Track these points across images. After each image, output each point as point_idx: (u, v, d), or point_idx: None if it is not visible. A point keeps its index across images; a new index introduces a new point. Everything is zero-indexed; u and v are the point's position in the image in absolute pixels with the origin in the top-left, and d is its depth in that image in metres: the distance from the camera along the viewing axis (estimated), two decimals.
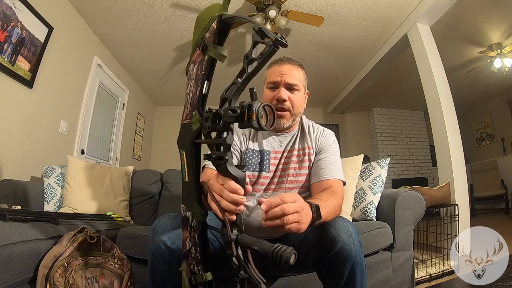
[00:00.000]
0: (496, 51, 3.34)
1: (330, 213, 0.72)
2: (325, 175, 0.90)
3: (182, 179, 0.59)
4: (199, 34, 0.57)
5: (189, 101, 0.58)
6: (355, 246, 0.68)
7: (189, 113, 0.57)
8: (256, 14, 2.39)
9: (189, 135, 0.55)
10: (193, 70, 0.58)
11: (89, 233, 0.96)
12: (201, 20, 0.58)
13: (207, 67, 0.55)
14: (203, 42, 0.55)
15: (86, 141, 2.67)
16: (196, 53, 0.58)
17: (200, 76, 0.56)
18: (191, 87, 0.58)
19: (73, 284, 0.87)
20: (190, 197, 0.57)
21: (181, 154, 0.58)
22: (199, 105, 0.55)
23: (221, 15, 0.55)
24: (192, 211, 0.56)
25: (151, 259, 0.72)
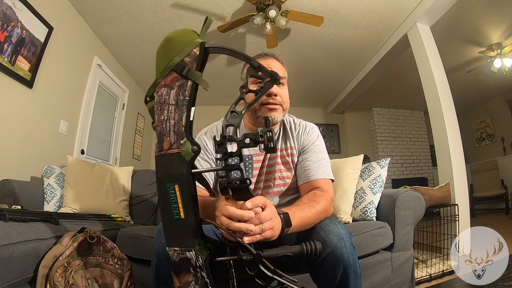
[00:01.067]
0: (496, 51, 3.34)
1: (305, 219, 0.71)
2: (310, 176, 0.87)
3: (171, 218, 0.52)
4: (173, 56, 0.55)
5: (171, 128, 0.53)
6: (347, 249, 0.68)
7: (175, 142, 0.52)
8: (256, 14, 2.39)
9: (181, 166, 0.51)
10: (168, 94, 0.55)
11: (89, 233, 0.96)
12: (175, 43, 0.56)
13: (191, 93, 0.54)
14: (187, 67, 0.54)
15: (86, 141, 2.67)
16: (171, 76, 0.55)
17: (184, 102, 0.53)
18: (171, 113, 0.54)
19: (73, 284, 0.87)
20: (189, 236, 0.52)
21: (168, 189, 0.51)
22: (188, 133, 0.53)
23: (203, 42, 0.55)
24: (196, 250, 0.51)
25: (155, 260, 0.71)
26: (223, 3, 2.45)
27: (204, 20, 0.59)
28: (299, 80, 4.05)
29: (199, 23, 2.85)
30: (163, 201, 0.53)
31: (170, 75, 0.56)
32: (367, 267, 1.11)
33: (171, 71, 0.55)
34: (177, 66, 0.55)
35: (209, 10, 2.52)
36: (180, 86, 0.54)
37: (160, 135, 0.54)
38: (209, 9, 2.51)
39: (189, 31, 0.58)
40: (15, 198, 1.47)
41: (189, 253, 0.52)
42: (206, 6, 2.47)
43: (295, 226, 0.66)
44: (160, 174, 0.53)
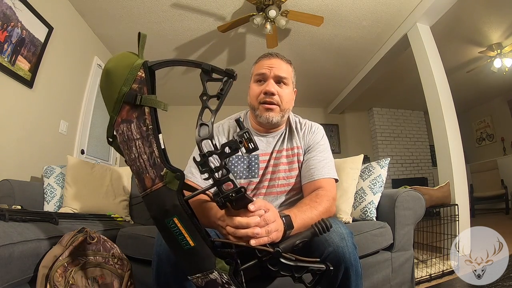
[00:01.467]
0: (496, 51, 3.34)
1: (307, 221, 0.71)
2: (314, 176, 0.87)
3: (181, 249, 0.51)
4: (119, 88, 0.51)
5: (145, 164, 0.51)
6: (348, 248, 0.68)
7: (156, 176, 0.50)
8: (256, 14, 2.39)
9: (172, 198, 0.49)
10: (129, 129, 0.51)
11: (89, 233, 0.96)
12: (116, 73, 0.52)
13: (152, 120, 0.51)
14: (138, 94, 0.50)
15: (86, 141, 2.67)
16: (124, 110, 0.51)
17: (149, 131, 0.51)
18: (139, 148, 0.51)
19: (73, 284, 0.87)
20: (205, 259, 0.51)
21: (168, 224, 0.50)
22: (165, 162, 0.51)
23: (145, 62, 0.52)
24: (217, 269, 0.51)
25: (156, 260, 0.71)
26: (223, 3, 2.45)
27: (137, 37, 0.54)
28: (299, 80, 4.00)
29: (199, 23, 2.87)
30: (167, 236, 0.51)
31: (123, 108, 0.51)
32: (367, 267, 1.11)
33: (122, 104, 0.51)
34: (127, 97, 0.51)
35: (209, 10, 2.52)
36: (138, 117, 0.51)
37: (137, 174, 0.51)
38: (209, 9, 2.51)
39: (126, 55, 0.54)
40: (15, 198, 1.47)
41: (212, 274, 0.51)
42: (206, 6, 2.47)
43: (297, 228, 0.66)
44: (155, 213, 0.50)
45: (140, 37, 0.54)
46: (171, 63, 0.54)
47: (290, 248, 0.54)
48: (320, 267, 0.52)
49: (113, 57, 0.55)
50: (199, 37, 2.91)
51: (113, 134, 0.54)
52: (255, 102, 0.91)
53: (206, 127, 0.52)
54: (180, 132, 4.22)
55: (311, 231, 0.56)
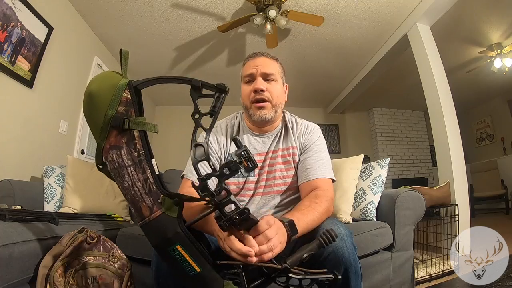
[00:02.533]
0: (496, 51, 3.34)
1: (312, 222, 0.71)
2: (310, 176, 0.87)
3: (187, 276, 0.49)
4: (104, 112, 0.47)
5: (140, 192, 0.48)
6: (347, 249, 0.68)
7: (153, 204, 0.48)
8: (256, 14, 2.39)
9: (173, 226, 0.48)
10: (119, 156, 0.48)
11: (89, 233, 0.96)
12: (99, 96, 0.48)
13: (143, 144, 0.48)
14: (126, 118, 0.47)
15: (86, 141, 2.67)
16: (112, 135, 0.48)
17: (141, 157, 0.48)
18: (132, 175, 0.48)
19: (73, 284, 0.87)
20: (213, 283, 0.50)
21: (172, 252, 0.48)
22: (162, 188, 0.48)
23: (130, 82, 0.48)
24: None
25: (155, 260, 0.72)
26: (223, 3, 2.45)
27: (119, 54, 0.50)
28: (299, 80, 4.05)
29: (199, 23, 2.86)
30: (171, 264, 0.49)
31: (111, 134, 0.48)
32: (367, 267, 1.11)
33: (110, 130, 0.48)
34: (114, 121, 0.47)
35: (209, 10, 2.52)
36: (128, 142, 0.48)
37: (133, 202, 0.48)
38: (209, 9, 2.51)
39: (109, 74, 0.51)
40: (15, 198, 1.47)
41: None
42: (206, 6, 2.47)
43: (300, 232, 0.66)
44: (156, 242, 0.48)
45: (122, 54, 0.51)
46: (157, 81, 0.51)
47: (297, 262, 0.53)
48: (328, 277, 0.51)
49: (95, 77, 0.52)
50: (199, 37, 2.91)
51: (103, 162, 0.51)
52: (247, 102, 0.92)
53: (202, 147, 0.49)
54: (180, 132, 4.22)
55: (317, 243, 0.56)
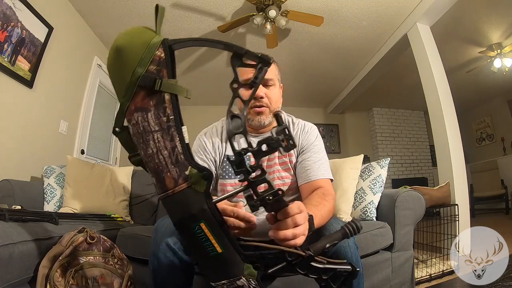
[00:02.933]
0: (496, 51, 3.34)
1: (322, 219, 0.71)
2: (311, 176, 0.87)
3: (207, 256, 0.46)
4: (133, 69, 0.42)
5: (166, 161, 0.43)
6: (350, 248, 0.68)
7: (179, 175, 0.43)
8: (256, 14, 2.39)
9: (199, 201, 0.44)
10: (145, 119, 0.43)
11: (89, 233, 0.96)
12: (129, 51, 0.43)
13: (174, 109, 0.43)
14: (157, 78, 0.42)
15: (86, 141, 2.67)
16: (139, 96, 0.43)
17: (170, 123, 0.43)
18: (158, 142, 0.43)
19: (73, 284, 0.87)
20: (233, 265, 0.47)
21: (194, 230, 0.44)
22: (190, 159, 0.44)
23: (165, 40, 0.44)
24: (245, 275, 0.47)
25: (152, 260, 0.72)
26: (223, 3, 2.45)
27: (155, 10, 0.45)
28: (299, 80, 4.05)
29: (199, 23, 2.86)
30: (191, 242, 0.46)
31: (138, 94, 0.43)
32: (367, 267, 1.11)
33: (137, 89, 0.43)
34: (143, 80, 0.42)
35: (209, 10, 2.52)
36: (157, 105, 0.43)
37: (156, 172, 0.44)
38: (209, 9, 2.51)
39: (141, 30, 0.45)
40: (15, 198, 1.47)
41: (239, 281, 0.47)
42: (206, 6, 2.47)
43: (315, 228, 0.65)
44: (178, 217, 0.45)
45: (157, 10, 0.45)
46: (195, 42, 0.45)
47: (320, 251, 0.51)
48: (347, 268, 0.50)
49: (124, 31, 0.45)
50: (199, 37, 2.91)
51: (123, 125, 0.46)
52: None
53: (238, 119, 0.45)
54: None
55: (342, 232, 0.53)
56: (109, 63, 0.46)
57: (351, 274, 0.50)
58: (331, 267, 0.50)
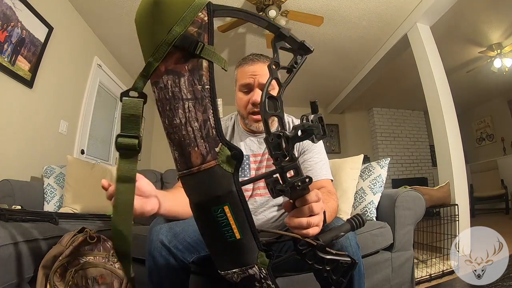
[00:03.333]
0: (496, 51, 3.34)
1: (331, 216, 0.71)
2: (313, 177, 0.87)
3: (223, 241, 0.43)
4: (170, 26, 0.38)
5: (195, 134, 0.39)
6: (352, 248, 0.68)
7: (208, 152, 0.39)
8: None
9: (227, 182, 0.40)
10: (177, 84, 0.39)
11: (89, 233, 0.96)
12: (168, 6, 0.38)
13: (212, 78, 0.39)
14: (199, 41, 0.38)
15: (86, 141, 2.67)
16: (173, 57, 0.38)
17: (205, 93, 0.39)
18: (189, 112, 0.39)
19: (73, 284, 0.87)
20: (248, 253, 0.45)
21: (215, 213, 0.41)
22: (222, 135, 0.40)
23: (210, 2, 0.40)
24: (258, 264, 0.45)
25: (148, 259, 0.72)
26: (223, 3, 2.43)
27: None
28: (299, 80, 4.05)
29: None
30: (208, 226, 0.43)
31: (172, 55, 0.38)
32: (367, 267, 1.11)
33: (171, 49, 0.38)
34: (183, 40, 0.38)
35: None
36: (193, 70, 0.38)
37: (180, 145, 0.40)
38: None
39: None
40: (15, 198, 1.47)
41: (252, 269, 0.45)
42: None
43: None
44: (199, 198, 0.41)
45: None
46: (240, 14, 0.42)
47: (329, 242, 0.52)
48: (347, 260, 0.51)
49: None
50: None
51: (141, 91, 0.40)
52: (244, 111, 0.91)
53: (276, 101, 0.43)
54: None
55: (349, 224, 0.56)
56: (140, 16, 0.42)
57: (350, 266, 0.51)
58: (335, 258, 0.50)
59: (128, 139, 0.40)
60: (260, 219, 0.88)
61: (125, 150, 0.40)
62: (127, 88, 0.40)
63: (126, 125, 0.40)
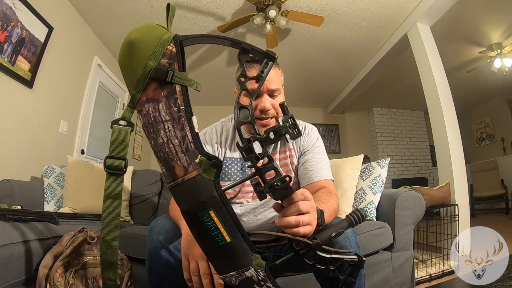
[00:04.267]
0: (496, 51, 3.34)
1: (331, 216, 0.71)
2: (314, 177, 0.87)
3: (216, 246, 0.46)
4: (145, 62, 0.45)
5: (176, 150, 0.45)
6: (352, 248, 0.68)
7: (189, 164, 0.44)
8: (256, 14, 2.39)
9: (209, 189, 0.44)
10: (156, 109, 0.45)
11: (89, 233, 0.96)
12: (141, 45, 0.45)
13: (184, 99, 0.45)
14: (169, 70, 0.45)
15: (86, 141, 2.67)
16: (150, 87, 0.45)
17: (180, 113, 0.45)
18: (169, 131, 0.45)
19: (73, 284, 0.87)
20: (242, 256, 0.47)
21: (202, 218, 0.45)
22: (200, 148, 0.45)
23: (176, 36, 0.46)
24: (254, 266, 0.47)
25: (148, 259, 0.72)
26: (223, 3, 2.45)
27: (166, 9, 0.48)
28: (299, 80, 4.05)
29: (199, 23, 2.86)
30: (199, 231, 0.47)
31: (150, 86, 0.45)
32: (367, 267, 1.12)
33: (148, 81, 0.45)
34: (156, 72, 0.44)
35: (209, 10, 2.52)
36: (168, 95, 0.45)
37: (166, 161, 0.45)
38: (209, 9, 2.51)
39: (153, 26, 0.47)
40: (15, 198, 1.47)
41: (248, 272, 0.47)
42: (206, 6, 2.47)
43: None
44: (187, 206, 0.45)
45: (169, 9, 0.48)
46: (205, 39, 0.48)
47: (326, 240, 0.52)
48: (353, 258, 0.50)
49: (136, 27, 0.47)
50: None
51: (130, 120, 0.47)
52: None
53: (246, 110, 0.48)
54: None
55: (347, 221, 0.55)
56: (121, 57, 0.48)
57: (357, 264, 0.50)
58: (338, 257, 0.50)
59: (115, 160, 0.46)
60: (260, 219, 0.88)
61: (113, 170, 0.46)
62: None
63: (114, 148, 0.46)
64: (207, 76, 3.75)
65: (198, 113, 0.50)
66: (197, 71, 3.65)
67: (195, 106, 0.51)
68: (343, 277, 0.50)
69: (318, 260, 0.50)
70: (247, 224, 0.88)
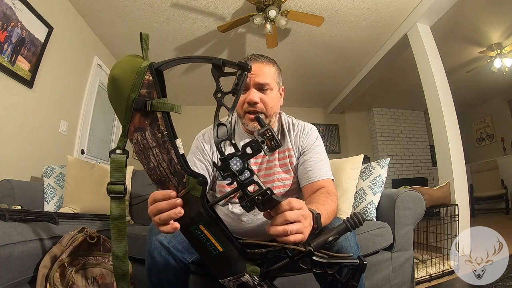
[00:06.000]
0: (496, 51, 3.34)
1: (329, 217, 0.70)
2: (313, 177, 0.86)
3: (210, 255, 0.51)
4: (127, 94, 0.48)
5: (166, 172, 0.49)
6: (352, 248, 0.68)
7: (179, 183, 0.49)
8: (256, 14, 2.39)
9: (196, 206, 0.48)
10: (144, 137, 0.49)
11: (89, 233, 0.96)
12: (122, 79, 0.49)
13: (166, 125, 0.49)
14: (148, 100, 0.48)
15: (86, 141, 2.67)
16: (136, 118, 0.49)
17: (164, 138, 0.49)
18: (157, 156, 0.49)
19: (73, 284, 0.87)
20: (235, 263, 0.51)
21: (195, 232, 0.49)
22: (186, 168, 0.49)
23: (151, 64, 0.49)
24: (248, 272, 0.51)
25: (148, 259, 0.73)
26: (223, 3, 2.45)
27: (140, 38, 0.51)
28: (299, 80, 4.05)
29: (199, 23, 2.86)
30: (194, 243, 0.51)
31: (135, 116, 0.49)
32: (367, 267, 1.10)
33: (133, 112, 0.49)
34: (136, 104, 0.48)
35: (209, 10, 2.52)
36: (152, 123, 0.49)
37: (160, 182, 0.50)
38: (209, 9, 2.51)
39: (130, 59, 0.51)
40: (15, 198, 1.47)
41: (243, 277, 0.51)
42: (206, 6, 2.47)
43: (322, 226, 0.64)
44: (180, 222, 0.49)
45: (142, 38, 0.51)
46: (178, 61, 0.51)
47: (322, 245, 0.52)
48: (353, 262, 0.50)
49: (117, 62, 0.52)
50: (199, 37, 2.91)
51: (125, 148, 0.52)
52: (241, 111, 0.90)
53: (224, 127, 0.50)
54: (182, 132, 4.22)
55: (343, 226, 0.54)
56: (108, 92, 0.52)
57: (359, 267, 0.51)
58: (336, 261, 0.50)
59: (116, 186, 0.52)
60: (260, 219, 0.88)
61: (115, 194, 0.53)
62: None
63: (114, 174, 0.52)
64: (207, 76, 3.74)
65: (198, 113, 0.50)
66: (196, 72, 3.65)
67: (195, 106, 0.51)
68: (344, 281, 0.51)
69: (315, 265, 0.50)
70: (246, 224, 0.88)
